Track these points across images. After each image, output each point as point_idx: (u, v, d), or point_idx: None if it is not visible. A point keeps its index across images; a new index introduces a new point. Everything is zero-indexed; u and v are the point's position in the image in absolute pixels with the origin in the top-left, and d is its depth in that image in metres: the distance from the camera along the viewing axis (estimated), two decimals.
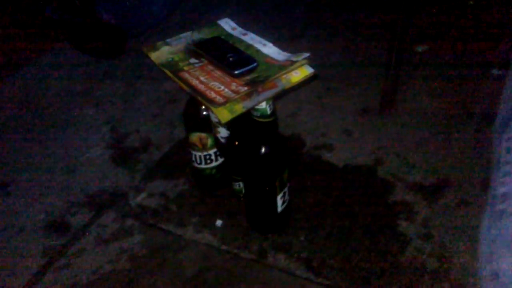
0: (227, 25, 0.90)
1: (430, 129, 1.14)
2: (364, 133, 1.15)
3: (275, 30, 1.50)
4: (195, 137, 0.94)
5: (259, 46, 0.82)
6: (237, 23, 0.91)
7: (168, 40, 0.86)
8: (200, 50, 0.83)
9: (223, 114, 0.71)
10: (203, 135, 0.93)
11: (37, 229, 0.98)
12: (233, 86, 0.75)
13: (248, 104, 0.73)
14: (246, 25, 0.93)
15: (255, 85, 0.75)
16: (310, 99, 1.26)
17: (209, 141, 0.94)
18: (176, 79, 0.78)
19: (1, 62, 1.44)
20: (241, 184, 0.96)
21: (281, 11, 1.67)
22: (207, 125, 0.91)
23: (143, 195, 1.04)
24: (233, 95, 0.73)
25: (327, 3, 1.68)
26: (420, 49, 1.39)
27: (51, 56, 1.52)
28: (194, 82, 0.77)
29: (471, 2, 1.58)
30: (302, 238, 0.92)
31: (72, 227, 0.98)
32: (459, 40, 1.41)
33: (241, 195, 0.98)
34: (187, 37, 0.87)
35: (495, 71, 1.28)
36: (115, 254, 0.92)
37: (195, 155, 0.97)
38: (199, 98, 0.74)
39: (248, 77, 0.77)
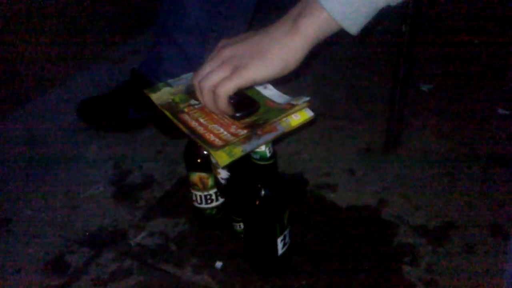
0: None
1: (435, 169, 1.12)
2: (368, 173, 1.13)
3: None
4: (195, 176, 0.93)
5: (259, 88, 0.82)
6: None
7: (169, 80, 0.86)
8: None
9: (222, 158, 0.70)
10: (204, 175, 0.93)
11: (36, 269, 0.97)
12: (233, 128, 0.75)
13: (247, 147, 0.72)
14: None
15: (254, 128, 0.74)
16: (313, 138, 1.25)
17: (210, 181, 0.93)
18: (175, 121, 0.78)
19: (8, 95, 1.45)
20: (242, 225, 0.95)
21: None
22: (208, 165, 0.90)
23: (143, 234, 1.03)
24: (232, 138, 0.73)
25: (331, 38, 1.68)
26: (425, 88, 1.38)
27: (60, 90, 1.54)
28: (194, 124, 0.76)
29: (476, 41, 1.59)
30: (303, 282, 0.90)
31: (71, 266, 0.97)
32: (464, 79, 1.41)
33: (242, 236, 0.96)
34: (188, 77, 0.86)
35: (501, 111, 1.27)
36: None
37: (196, 195, 0.96)
38: (198, 141, 0.74)
39: (247, 120, 0.76)
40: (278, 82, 0.76)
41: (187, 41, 1.16)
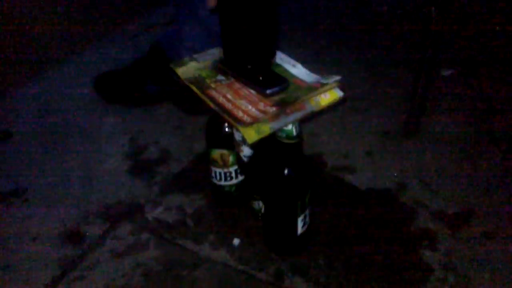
0: None
1: (454, 155, 1.11)
2: (387, 156, 1.12)
3: (299, 47, 1.49)
4: (216, 153, 0.93)
5: (287, 66, 0.81)
6: None
7: (195, 56, 0.85)
8: (228, 67, 0.81)
9: (250, 134, 0.69)
10: (225, 152, 0.92)
11: (52, 239, 0.97)
12: (261, 106, 0.74)
13: (275, 125, 0.71)
14: None
15: (283, 106, 0.73)
16: (331, 119, 1.24)
17: (231, 158, 0.93)
18: (202, 96, 0.77)
19: (22, 67, 1.43)
20: (260, 204, 0.94)
21: (305, 28, 1.66)
22: (230, 142, 0.90)
23: (160, 208, 1.03)
24: (260, 115, 0.72)
25: (351, 22, 1.67)
26: (445, 73, 1.37)
27: (73, 63, 1.52)
28: (221, 99, 0.76)
29: (498, 28, 1.56)
30: (321, 262, 0.90)
31: (87, 238, 0.97)
32: (486, 66, 1.39)
33: (260, 214, 0.96)
34: (215, 53, 0.85)
35: None
36: (130, 268, 0.91)
37: (215, 172, 0.96)
38: (226, 117, 0.73)
39: (276, 98, 0.75)
40: None
41: (211, 17, 1.14)
